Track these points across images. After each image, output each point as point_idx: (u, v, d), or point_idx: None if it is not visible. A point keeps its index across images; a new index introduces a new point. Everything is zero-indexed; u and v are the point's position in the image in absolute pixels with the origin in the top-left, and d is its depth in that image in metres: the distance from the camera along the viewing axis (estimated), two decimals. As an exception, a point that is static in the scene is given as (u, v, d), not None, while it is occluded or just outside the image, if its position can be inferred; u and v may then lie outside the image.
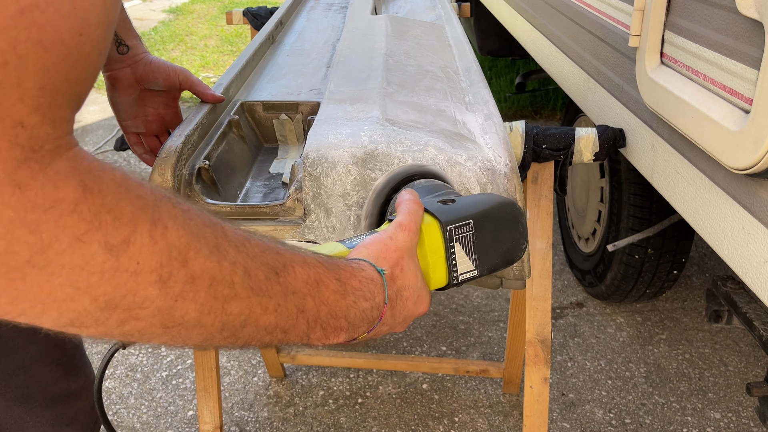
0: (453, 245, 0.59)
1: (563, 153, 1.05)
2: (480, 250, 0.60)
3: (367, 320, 0.53)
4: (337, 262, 0.52)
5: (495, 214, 0.61)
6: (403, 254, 0.56)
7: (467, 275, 0.60)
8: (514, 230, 0.62)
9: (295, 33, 1.41)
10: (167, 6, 7.48)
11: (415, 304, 0.57)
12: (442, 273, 0.59)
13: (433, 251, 0.59)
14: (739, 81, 0.82)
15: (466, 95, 0.96)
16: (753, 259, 0.83)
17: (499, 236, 0.61)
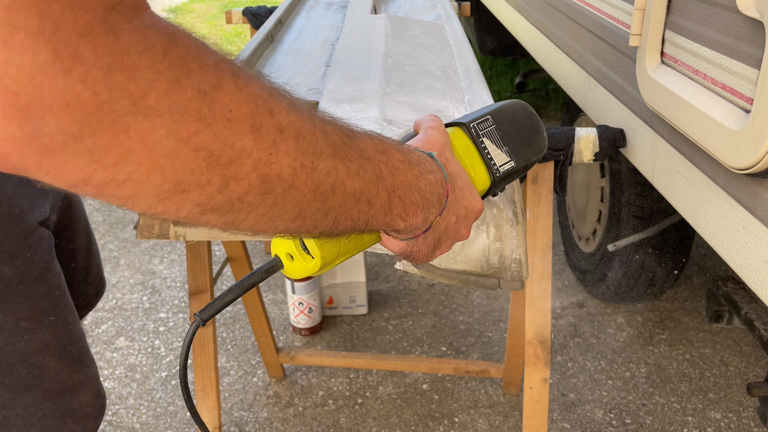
0: (482, 140, 0.59)
1: (563, 153, 1.05)
2: (508, 142, 0.60)
3: (437, 196, 0.51)
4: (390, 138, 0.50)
5: (507, 109, 0.62)
6: (442, 146, 0.55)
7: (506, 167, 0.60)
8: (531, 119, 0.62)
9: (295, 32, 1.41)
10: (167, 5, 7.48)
11: (471, 195, 0.56)
12: (482, 169, 0.59)
13: (465, 152, 0.59)
14: (739, 80, 0.81)
15: (465, 95, 0.96)
16: (753, 258, 0.83)
17: (519, 126, 0.61)
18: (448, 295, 2.27)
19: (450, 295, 2.27)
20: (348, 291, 2.13)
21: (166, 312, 2.21)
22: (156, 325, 2.15)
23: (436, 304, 2.23)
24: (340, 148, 0.41)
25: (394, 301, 2.24)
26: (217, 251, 2.48)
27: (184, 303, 2.25)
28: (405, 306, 2.22)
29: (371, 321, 2.15)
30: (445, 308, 2.20)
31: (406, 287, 2.31)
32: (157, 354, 2.01)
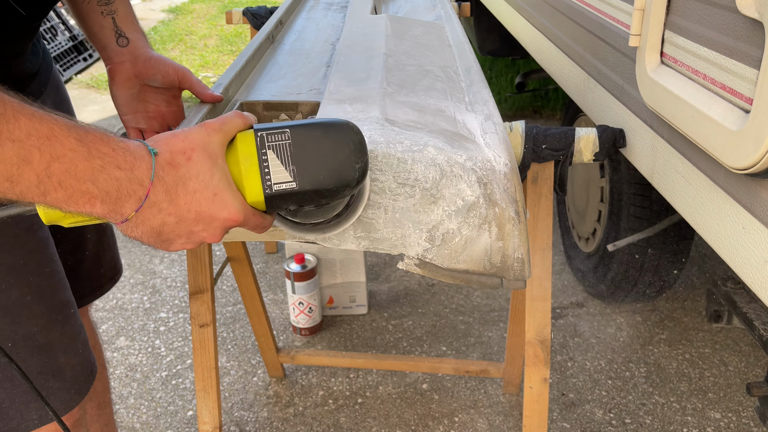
0: (266, 152, 0.57)
1: (563, 153, 1.05)
2: (299, 161, 0.57)
3: (128, 194, 0.52)
4: (85, 127, 0.51)
5: (318, 128, 0.58)
6: (193, 146, 0.56)
7: (283, 186, 0.57)
8: (342, 145, 0.58)
9: (295, 32, 1.41)
10: (167, 5, 7.48)
11: (211, 202, 0.56)
12: (256, 181, 0.57)
13: (245, 158, 0.57)
14: (739, 81, 0.82)
15: (466, 95, 0.96)
16: (753, 258, 0.83)
17: (322, 150, 0.57)
18: (448, 295, 2.27)
19: (450, 295, 2.27)
20: (348, 291, 2.14)
21: (167, 312, 2.21)
22: (156, 325, 2.15)
23: (436, 304, 2.23)
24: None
25: (394, 301, 2.24)
26: (218, 251, 2.48)
27: (184, 303, 2.25)
28: (405, 306, 2.22)
29: (371, 321, 2.15)
30: (445, 308, 2.20)
31: (406, 287, 2.32)
32: (158, 354, 2.01)
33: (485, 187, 0.72)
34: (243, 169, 0.57)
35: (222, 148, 0.58)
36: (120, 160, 0.51)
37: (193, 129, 0.57)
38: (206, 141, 0.57)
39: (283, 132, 0.57)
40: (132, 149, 0.53)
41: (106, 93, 4.54)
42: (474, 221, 0.72)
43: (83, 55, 5.05)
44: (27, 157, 0.47)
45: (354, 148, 0.59)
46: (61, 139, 0.48)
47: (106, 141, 0.51)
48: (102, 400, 1.31)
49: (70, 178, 0.49)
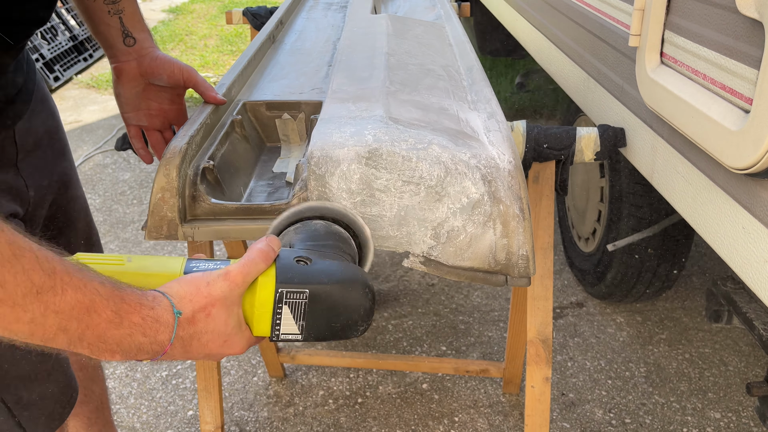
0: (281, 306, 0.61)
1: (564, 152, 1.05)
2: (310, 319, 0.62)
3: (146, 351, 0.58)
4: (122, 295, 0.56)
5: (336, 293, 0.62)
6: (214, 302, 0.60)
7: (289, 336, 0.62)
8: (354, 311, 0.62)
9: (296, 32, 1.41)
10: (167, 5, 7.48)
11: (220, 347, 0.62)
12: (266, 326, 0.62)
13: (261, 304, 0.61)
14: (739, 81, 0.82)
15: (469, 93, 0.97)
16: (753, 258, 0.84)
17: (334, 313, 0.62)
18: (448, 294, 2.28)
19: (450, 295, 2.27)
20: (348, 291, 2.13)
21: (167, 312, 2.21)
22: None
23: (436, 303, 2.23)
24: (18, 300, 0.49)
25: (394, 300, 2.25)
26: (218, 251, 2.48)
27: (184, 303, 2.25)
28: (405, 306, 2.22)
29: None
30: (445, 308, 2.21)
31: (406, 287, 2.32)
32: (158, 353, 2.02)
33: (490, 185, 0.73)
34: (257, 313, 0.62)
35: (240, 297, 0.62)
36: (147, 329, 0.56)
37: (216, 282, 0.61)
38: (227, 295, 0.61)
39: (302, 292, 0.61)
40: (159, 316, 0.57)
41: (106, 93, 4.54)
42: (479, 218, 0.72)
43: (83, 55, 5.05)
44: (65, 327, 0.52)
45: (364, 314, 0.63)
46: (99, 311, 0.53)
47: (138, 310, 0.56)
48: (100, 403, 1.31)
49: (99, 342, 0.54)
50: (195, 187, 0.79)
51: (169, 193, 0.77)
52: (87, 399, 1.27)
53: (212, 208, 0.79)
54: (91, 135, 3.78)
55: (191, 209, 0.80)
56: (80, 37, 5.11)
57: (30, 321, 0.50)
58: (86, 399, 1.27)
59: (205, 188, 0.80)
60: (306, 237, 0.69)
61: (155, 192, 0.77)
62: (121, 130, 3.83)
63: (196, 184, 0.79)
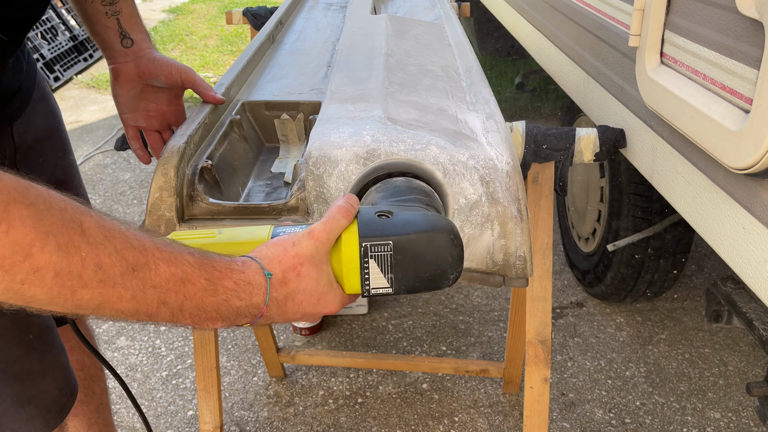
0: (368, 261, 0.61)
1: (564, 153, 1.05)
2: (398, 271, 0.61)
3: (244, 315, 0.59)
4: (213, 263, 0.57)
5: (421, 241, 0.61)
6: (302, 260, 0.61)
7: (380, 290, 0.62)
8: (441, 259, 0.61)
9: (295, 33, 1.41)
10: (167, 6, 7.48)
11: (315, 306, 0.62)
12: (356, 282, 0.62)
13: (348, 261, 0.61)
14: (739, 81, 0.82)
15: (467, 94, 0.97)
16: (753, 258, 0.84)
17: (421, 263, 0.61)
18: (448, 295, 2.27)
19: (450, 295, 2.27)
20: (348, 291, 2.14)
21: (167, 312, 2.22)
22: (157, 325, 2.15)
23: (436, 303, 2.23)
24: (117, 280, 0.50)
25: (394, 300, 2.25)
26: (218, 251, 2.48)
27: (184, 303, 2.25)
28: (405, 306, 2.22)
29: (371, 321, 2.15)
30: (445, 308, 2.21)
31: (406, 287, 2.32)
32: (158, 353, 2.02)
33: (488, 186, 0.72)
34: (345, 270, 0.62)
35: (327, 255, 0.62)
36: (241, 293, 0.58)
37: (301, 240, 0.61)
38: (314, 254, 0.61)
39: (386, 244, 0.61)
40: (250, 279, 0.58)
41: (106, 93, 4.54)
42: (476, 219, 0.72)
43: (83, 56, 5.05)
44: (165, 300, 0.53)
45: (453, 262, 0.62)
46: (193, 281, 0.55)
47: (230, 275, 0.57)
48: (100, 403, 1.31)
49: (198, 311, 0.56)
50: (193, 186, 0.79)
51: (167, 193, 0.77)
52: (87, 399, 1.27)
53: (210, 208, 0.79)
54: (91, 135, 3.78)
55: (189, 209, 0.80)
56: (80, 37, 5.11)
57: (132, 298, 0.51)
58: (87, 399, 1.27)
59: (203, 188, 0.80)
60: (387, 194, 0.69)
61: (153, 191, 0.77)
62: (121, 130, 3.83)
63: (194, 184, 0.79)
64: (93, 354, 0.77)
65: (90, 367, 1.27)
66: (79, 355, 1.24)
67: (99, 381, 1.31)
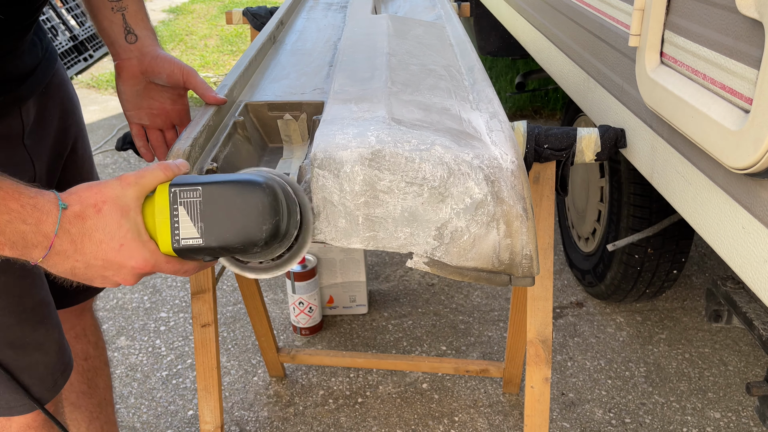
0: (177, 207, 0.60)
1: (565, 153, 1.05)
2: (207, 219, 0.60)
3: (33, 244, 0.58)
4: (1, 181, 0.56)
5: (231, 189, 0.60)
6: (105, 199, 0.60)
7: (190, 242, 0.61)
8: (250, 206, 0.60)
9: (296, 33, 1.41)
10: (167, 5, 7.48)
11: (117, 252, 0.60)
12: (166, 234, 0.61)
13: (159, 211, 0.61)
14: (739, 81, 0.82)
15: (470, 93, 0.97)
16: (753, 258, 0.84)
17: (231, 211, 0.60)
18: (448, 294, 2.28)
19: (450, 295, 2.27)
20: (348, 290, 2.14)
21: (167, 311, 2.22)
22: (157, 325, 2.15)
23: (436, 303, 2.23)
24: None
25: (394, 300, 2.25)
26: (218, 251, 2.48)
27: (185, 302, 2.26)
28: (405, 305, 2.22)
29: (371, 320, 2.15)
30: (445, 308, 2.21)
31: (406, 287, 2.32)
32: (158, 353, 2.02)
33: (493, 185, 0.73)
34: (157, 222, 0.61)
35: (136, 201, 0.61)
36: (27, 216, 0.57)
37: (109, 182, 0.62)
38: (119, 194, 0.61)
39: (195, 189, 0.60)
40: (40, 206, 0.58)
41: (106, 93, 4.54)
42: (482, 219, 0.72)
43: (84, 55, 5.04)
44: None
45: (263, 210, 0.61)
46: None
47: (17, 198, 0.57)
48: (103, 398, 1.31)
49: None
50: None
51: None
52: (91, 391, 1.27)
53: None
54: (91, 135, 3.78)
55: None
56: (80, 37, 5.10)
57: None
58: (90, 391, 1.27)
59: (207, 189, 0.80)
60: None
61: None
62: (121, 130, 3.83)
63: (199, 185, 0.79)
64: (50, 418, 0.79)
65: (94, 358, 1.27)
66: (84, 345, 1.24)
67: (103, 375, 1.32)
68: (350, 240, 0.74)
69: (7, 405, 0.93)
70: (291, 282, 1.98)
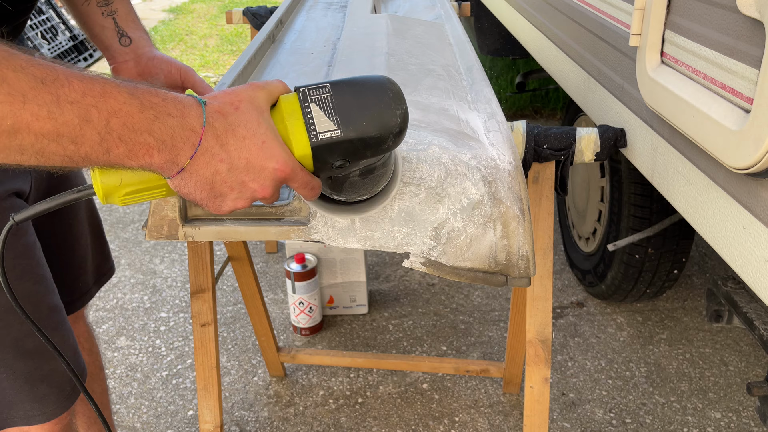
0: (308, 105, 0.59)
1: (564, 153, 1.05)
2: (341, 111, 0.60)
3: (182, 140, 0.54)
4: (134, 83, 0.53)
5: (357, 81, 0.61)
6: (240, 98, 0.58)
7: (328, 134, 0.60)
8: (380, 93, 0.61)
9: (296, 32, 1.41)
10: (167, 5, 7.48)
11: (260, 149, 0.57)
12: (302, 133, 0.60)
13: (289, 114, 0.60)
14: (739, 80, 0.82)
15: (469, 93, 0.97)
16: (753, 258, 0.84)
17: (362, 99, 0.60)
18: (449, 294, 2.27)
19: (450, 295, 2.27)
20: (348, 290, 2.14)
21: (167, 312, 2.22)
22: (157, 325, 2.15)
23: (436, 303, 2.23)
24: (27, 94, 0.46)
25: (395, 300, 2.25)
26: (218, 251, 2.48)
27: (184, 303, 2.26)
28: (405, 305, 2.22)
29: (372, 320, 2.15)
30: (446, 308, 2.21)
31: (407, 287, 2.32)
32: (158, 353, 2.02)
33: (490, 186, 0.73)
34: (288, 124, 0.60)
35: (267, 103, 0.60)
36: (171, 109, 0.53)
37: (239, 86, 0.60)
38: (252, 95, 0.59)
39: (323, 86, 0.60)
40: (181, 99, 0.55)
41: (106, 93, 4.54)
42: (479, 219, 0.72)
43: (83, 55, 5.05)
44: (87, 116, 0.49)
45: (393, 96, 0.61)
46: (114, 95, 0.50)
47: (155, 93, 0.53)
48: (100, 403, 1.31)
49: (128, 132, 0.51)
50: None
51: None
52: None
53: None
54: (91, 135, 3.78)
55: (192, 209, 0.80)
56: (80, 37, 5.11)
57: (48, 116, 0.47)
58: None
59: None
60: None
61: (155, 192, 0.77)
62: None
63: (196, 184, 0.79)
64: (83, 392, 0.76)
65: (90, 364, 1.27)
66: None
67: (99, 380, 1.32)
68: (347, 240, 0.74)
69: (26, 414, 0.92)
70: (291, 282, 1.98)
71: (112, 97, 0.50)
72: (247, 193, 0.59)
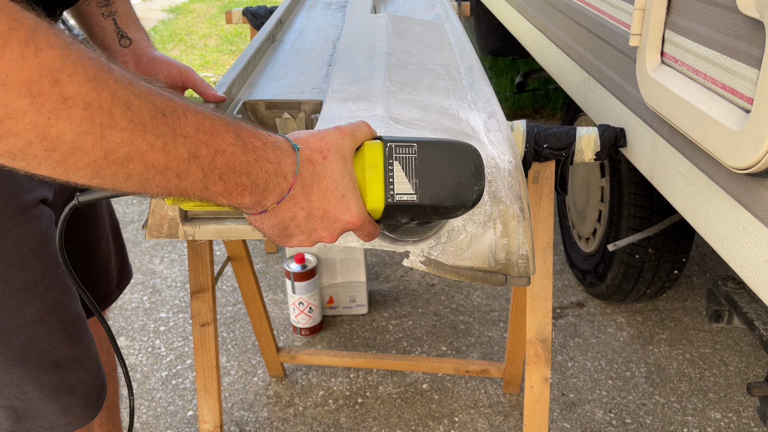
0: (392, 162, 0.59)
1: (564, 152, 1.05)
2: (422, 176, 0.59)
3: (273, 186, 0.54)
4: (239, 122, 0.53)
5: (444, 147, 0.60)
6: (329, 146, 0.58)
7: (404, 197, 0.59)
8: (464, 166, 0.60)
9: (295, 32, 1.41)
10: (167, 5, 7.48)
11: (339, 202, 0.58)
12: (379, 188, 0.59)
13: (372, 166, 0.59)
14: (739, 80, 0.82)
15: (469, 93, 0.97)
16: (753, 258, 0.83)
17: (445, 168, 0.59)
18: (449, 295, 2.27)
19: (450, 295, 2.27)
20: (348, 291, 2.14)
21: (167, 312, 2.21)
22: (156, 325, 2.15)
23: (436, 303, 2.23)
24: (147, 123, 0.45)
25: (395, 300, 2.25)
26: (218, 251, 2.48)
27: (184, 303, 2.26)
28: (405, 306, 2.22)
29: (371, 321, 2.15)
30: (445, 308, 2.21)
31: (407, 287, 2.32)
32: (158, 354, 2.01)
33: (490, 185, 0.72)
34: (368, 176, 0.59)
35: (352, 152, 0.60)
36: (270, 154, 0.54)
37: (328, 130, 0.59)
38: (340, 144, 0.58)
39: (410, 146, 0.60)
40: (279, 144, 0.55)
41: (105, 93, 4.53)
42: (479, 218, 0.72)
43: (83, 55, 5.05)
44: (196, 152, 0.49)
45: (475, 170, 0.61)
46: (222, 134, 0.50)
47: (257, 135, 0.54)
48: (112, 402, 1.31)
49: (229, 172, 0.51)
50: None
51: (168, 193, 0.76)
52: None
53: (213, 207, 0.79)
54: (91, 135, 3.78)
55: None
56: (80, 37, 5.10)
57: (163, 148, 0.46)
58: None
59: (205, 188, 0.80)
60: None
61: (154, 191, 0.77)
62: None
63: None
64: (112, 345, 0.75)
65: (106, 365, 1.27)
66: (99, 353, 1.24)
67: (112, 381, 1.32)
68: (347, 239, 0.74)
69: (50, 424, 0.91)
70: (291, 282, 1.98)
71: (221, 136, 0.50)
72: (315, 237, 0.60)
